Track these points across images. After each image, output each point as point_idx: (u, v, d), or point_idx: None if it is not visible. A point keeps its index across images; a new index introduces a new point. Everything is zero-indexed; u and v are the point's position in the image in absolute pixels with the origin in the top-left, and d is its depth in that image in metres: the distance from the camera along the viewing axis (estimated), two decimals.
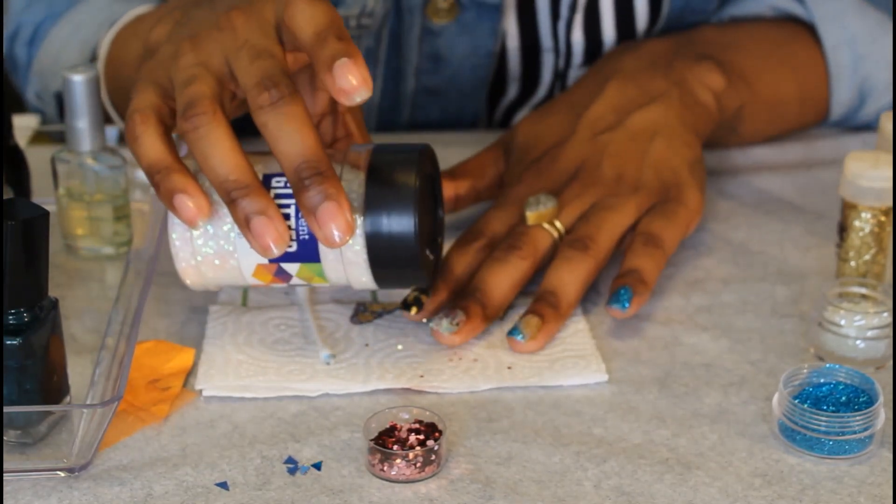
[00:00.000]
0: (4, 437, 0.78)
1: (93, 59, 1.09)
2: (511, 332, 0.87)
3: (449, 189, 0.97)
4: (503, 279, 0.89)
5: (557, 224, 0.92)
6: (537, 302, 0.88)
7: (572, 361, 0.86)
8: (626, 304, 0.88)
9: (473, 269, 0.91)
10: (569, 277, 0.89)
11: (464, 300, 0.88)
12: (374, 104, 1.16)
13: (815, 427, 0.79)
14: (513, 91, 1.17)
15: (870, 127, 1.14)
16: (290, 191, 0.81)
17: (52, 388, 0.78)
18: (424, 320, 0.89)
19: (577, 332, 0.89)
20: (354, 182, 0.81)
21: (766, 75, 1.08)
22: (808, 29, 1.12)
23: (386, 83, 1.14)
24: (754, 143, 1.12)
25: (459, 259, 0.91)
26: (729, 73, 1.05)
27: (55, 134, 1.09)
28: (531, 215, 0.92)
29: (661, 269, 0.92)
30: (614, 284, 0.89)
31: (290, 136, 0.77)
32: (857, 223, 0.91)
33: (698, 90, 1.02)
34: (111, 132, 0.99)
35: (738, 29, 1.12)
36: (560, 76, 1.15)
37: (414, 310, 0.88)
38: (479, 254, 0.92)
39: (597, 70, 1.06)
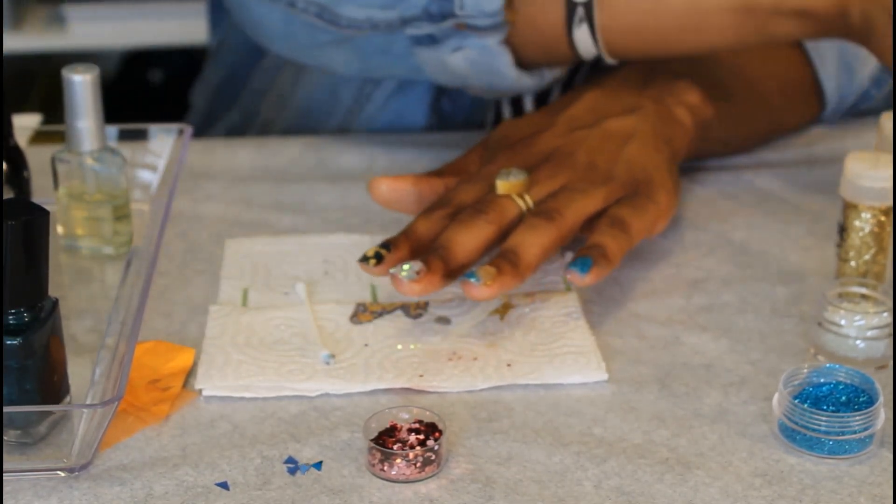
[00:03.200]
0: (4, 437, 0.78)
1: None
2: (466, 275, 0.86)
3: (437, 185, 0.97)
4: (467, 239, 0.89)
5: (526, 198, 0.92)
6: (497, 257, 0.88)
7: (572, 358, 0.86)
8: (585, 271, 0.88)
9: (437, 234, 0.91)
10: (531, 240, 0.89)
11: (426, 255, 0.88)
12: None
13: (815, 427, 0.79)
14: None
15: (873, 111, 1.14)
16: None
17: (52, 388, 0.78)
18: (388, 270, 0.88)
19: (577, 328, 0.89)
20: None
21: (746, 72, 1.08)
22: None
23: None
24: (752, 149, 1.12)
25: (424, 223, 0.91)
26: (706, 86, 1.04)
27: (55, 134, 1.09)
28: (501, 184, 0.92)
29: (624, 252, 0.91)
30: (577, 254, 0.89)
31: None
32: (857, 223, 0.91)
33: (674, 107, 1.02)
34: (111, 132, 0.99)
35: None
36: None
37: (373, 262, 0.88)
38: (443, 220, 0.91)
39: (574, 88, 1.07)
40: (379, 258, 0.88)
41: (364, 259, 0.89)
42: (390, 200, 0.95)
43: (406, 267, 0.86)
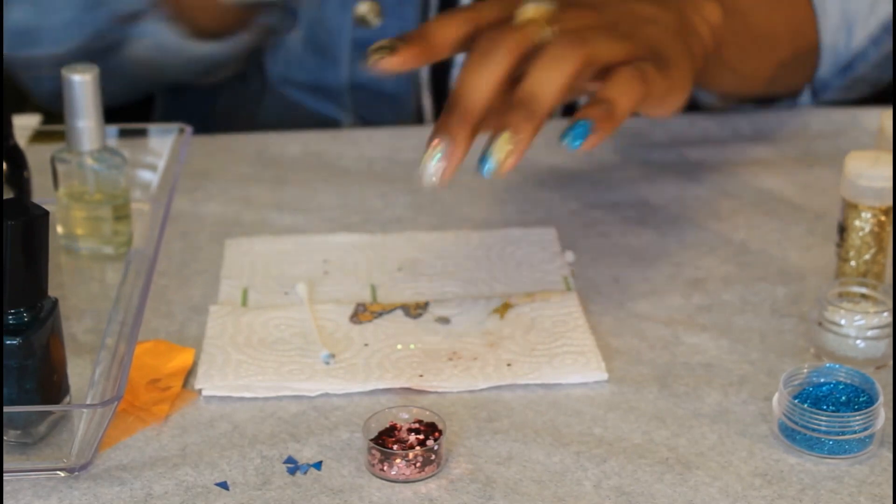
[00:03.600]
0: (4, 437, 0.78)
1: None
2: (481, 162, 0.81)
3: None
4: (482, 83, 0.84)
5: (549, 30, 0.87)
6: (512, 110, 0.83)
7: (572, 358, 0.86)
8: (579, 140, 0.83)
9: (452, 43, 0.87)
10: (549, 76, 0.84)
11: (443, 122, 0.83)
12: None
13: (815, 427, 0.79)
14: None
15: (867, 81, 1.16)
16: None
17: (52, 387, 0.78)
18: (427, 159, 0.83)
19: (577, 327, 0.89)
20: None
21: (760, 9, 1.08)
22: None
23: None
24: (756, 91, 1.12)
25: (440, 28, 0.87)
26: (725, 6, 1.03)
27: (55, 134, 1.09)
28: (526, 9, 0.87)
29: (633, 109, 0.86)
30: (578, 114, 0.84)
31: None
32: (857, 223, 0.91)
33: (696, 20, 0.99)
34: (111, 132, 0.99)
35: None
36: None
37: (386, 52, 0.84)
38: (461, 27, 0.88)
39: None
40: (393, 49, 0.85)
41: (376, 50, 0.85)
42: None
43: (432, 162, 0.82)
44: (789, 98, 1.18)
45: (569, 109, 1.20)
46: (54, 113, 1.17)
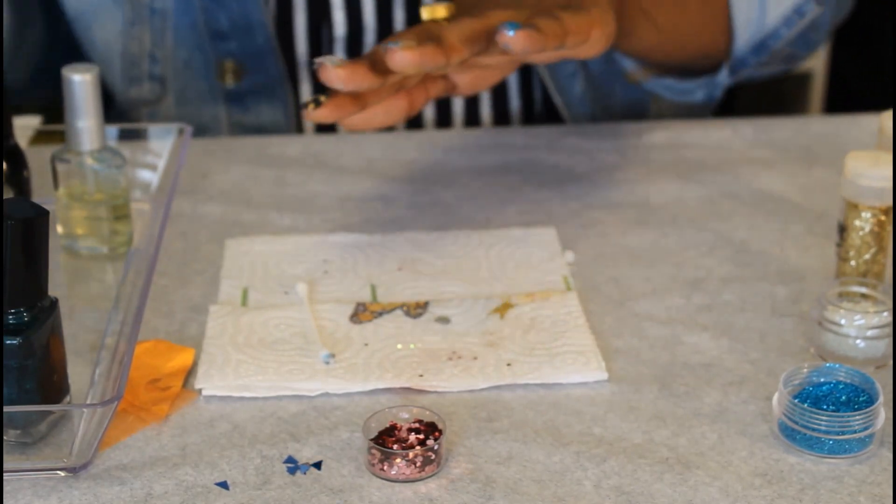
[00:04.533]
0: (4, 437, 0.78)
1: None
2: (390, 44, 0.87)
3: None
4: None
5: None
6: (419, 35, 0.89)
7: (572, 357, 0.87)
8: (512, 31, 0.88)
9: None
10: (455, 28, 0.90)
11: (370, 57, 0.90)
12: None
13: (815, 426, 0.79)
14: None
15: (781, 57, 1.19)
16: None
17: (52, 387, 0.78)
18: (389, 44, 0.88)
19: (577, 328, 0.89)
20: None
21: None
22: None
23: None
24: (669, 56, 1.13)
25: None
26: None
27: (55, 134, 1.09)
28: (425, 10, 0.93)
29: (557, 35, 0.91)
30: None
31: None
32: (857, 223, 0.91)
33: None
34: (111, 132, 0.99)
35: None
36: None
37: (311, 107, 0.91)
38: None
39: None
40: (317, 104, 0.90)
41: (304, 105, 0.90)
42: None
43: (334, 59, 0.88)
44: (708, 73, 1.19)
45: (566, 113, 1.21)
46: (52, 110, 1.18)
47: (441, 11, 0.93)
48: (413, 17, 1.17)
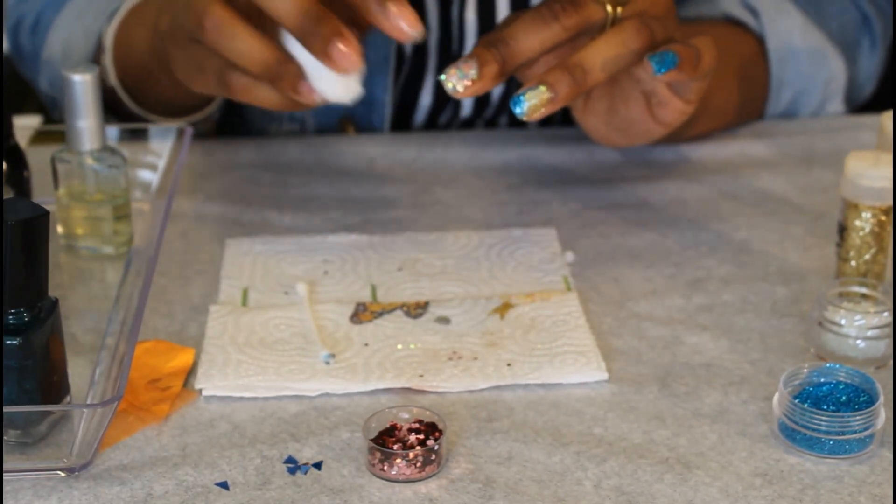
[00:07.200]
0: (4, 437, 0.78)
1: (99, 47, 1.09)
2: (514, 101, 0.87)
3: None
4: (533, 39, 0.87)
5: (618, 9, 0.90)
6: (558, 69, 0.87)
7: (572, 357, 0.87)
8: (666, 67, 0.88)
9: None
10: (605, 52, 0.87)
11: (483, 51, 0.87)
12: None
13: (816, 427, 0.79)
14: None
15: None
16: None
17: (52, 387, 0.78)
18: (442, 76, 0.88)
19: (577, 327, 0.89)
20: None
21: (716, 83, 1.07)
22: (754, 38, 1.14)
23: None
24: (699, 142, 1.13)
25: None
26: None
27: (55, 134, 1.09)
28: None
29: (711, 65, 0.91)
30: (664, 48, 0.88)
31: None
32: (857, 223, 0.91)
33: None
34: (111, 132, 0.99)
35: (691, 27, 1.12)
36: (453, 58, 1.12)
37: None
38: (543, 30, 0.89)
39: None
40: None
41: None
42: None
43: (455, 79, 0.86)
44: None
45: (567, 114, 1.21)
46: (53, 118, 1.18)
47: None
48: None
